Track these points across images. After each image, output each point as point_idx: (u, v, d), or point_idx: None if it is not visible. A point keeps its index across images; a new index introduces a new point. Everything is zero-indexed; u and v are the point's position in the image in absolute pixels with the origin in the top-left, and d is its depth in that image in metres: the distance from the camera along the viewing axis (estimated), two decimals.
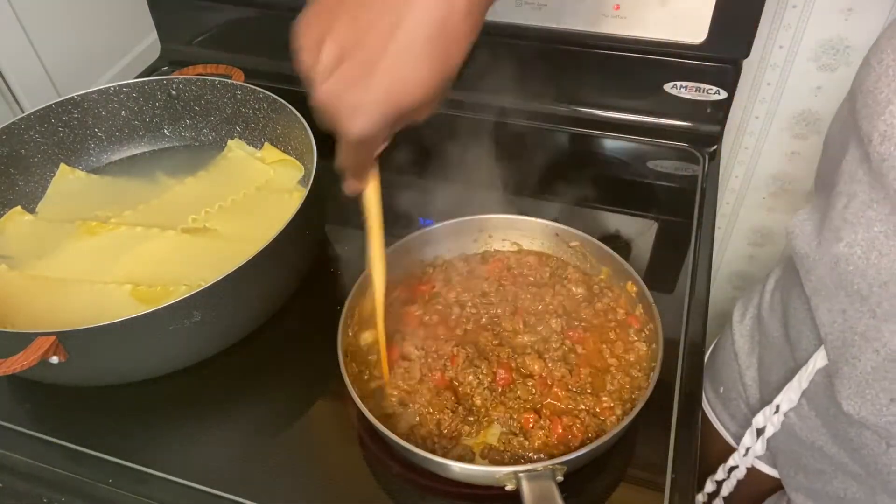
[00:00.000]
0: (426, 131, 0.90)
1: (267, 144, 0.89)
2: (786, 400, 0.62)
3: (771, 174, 1.15)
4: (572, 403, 0.61)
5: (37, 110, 0.83)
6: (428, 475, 0.61)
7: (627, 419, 0.57)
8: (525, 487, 0.53)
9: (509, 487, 0.55)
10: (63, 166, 0.88)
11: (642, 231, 0.86)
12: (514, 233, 0.77)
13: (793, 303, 0.62)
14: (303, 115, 0.79)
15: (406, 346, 0.67)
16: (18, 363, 0.56)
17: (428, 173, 0.85)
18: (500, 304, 0.70)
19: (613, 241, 0.80)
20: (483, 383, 0.63)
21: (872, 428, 0.51)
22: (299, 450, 0.65)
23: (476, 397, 0.62)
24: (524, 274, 0.74)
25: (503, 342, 0.67)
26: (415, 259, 0.76)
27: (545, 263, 0.75)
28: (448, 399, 0.62)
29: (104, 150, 0.91)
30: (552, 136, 0.99)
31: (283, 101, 0.82)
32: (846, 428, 0.55)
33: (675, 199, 0.90)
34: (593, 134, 0.98)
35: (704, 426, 0.81)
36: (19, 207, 0.84)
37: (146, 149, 0.93)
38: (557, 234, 0.75)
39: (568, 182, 0.86)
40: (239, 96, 0.88)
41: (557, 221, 0.75)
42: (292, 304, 0.75)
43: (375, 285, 0.61)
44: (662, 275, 0.79)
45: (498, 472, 0.54)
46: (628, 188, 0.92)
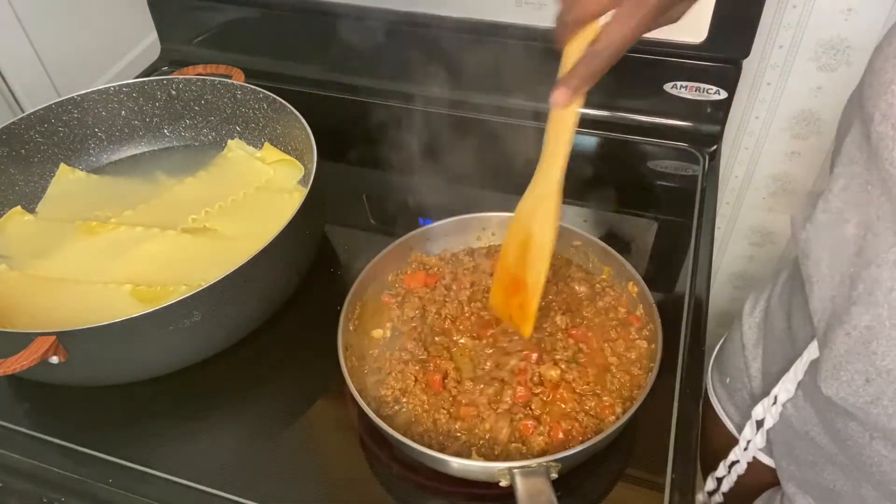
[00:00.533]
0: (427, 131, 0.90)
1: (267, 144, 0.89)
2: (783, 391, 0.63)
3: (771, 174, 1.15)
4: (577, 407, 0.61)
5: (37, 110, 0.83)
6: (428, 473, 0.61)
7: (625, 418, 0.57)
8: (518, 483, 0.53)
9: (504, 483, 0.55)
10: (63, 166, 0.88)
11: (642, 231, 0.86)
12: None
13: (797, 294, 0.62)
14: (303, 115, 0.79)
15: (408, 343, 0.67)
16: (18, 363, 0.56)
17: (428, 173, 0.85)
18: None
19: (614, 241, 0.80)
20: (491, 407, 0.62)
21: (857, 419, 0.52)
22: (299, 449, 0.65)
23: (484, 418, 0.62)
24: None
25: (512, 345, 0.67)
26: (418, 255, 0.76)
27: None
28: (445, 400, 0.62)
29: (104, 150, 0.91)
30: None
31: (283, 101, 0.82)
32: (835, 418, 0.56)
33: (675, 199, 0.90)
34: (593, 134, 0.98)
35: (710, 418, 0.81)
36: (19, 207, 0.84)
37: (146, 149, 0.93)
38: (559, 234, 0.75)
39: (568, 182, 0.86)
40: (239, 96, 0.88)
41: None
42: (292, 304, 0.75)
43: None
44: (662, 275, 0.79)
45: (492, 468, 0.55)
46: (628, 188, 0.92)
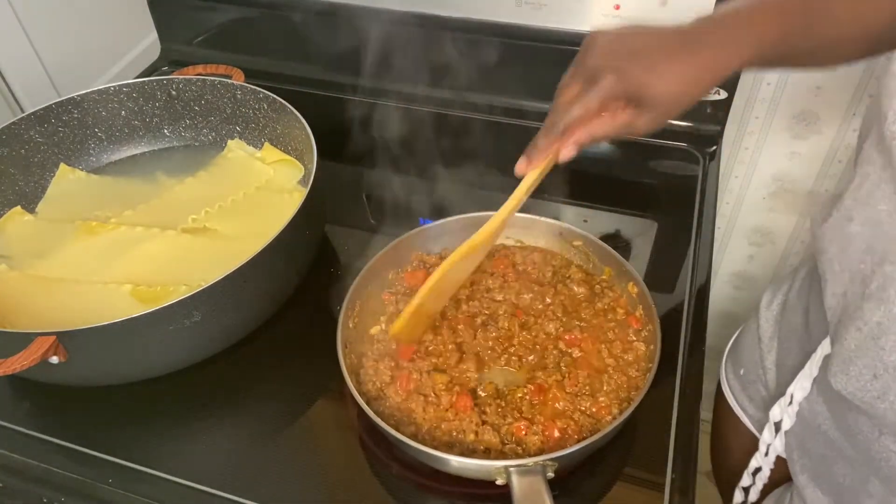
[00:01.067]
0: (427, 131, 0.90)
1: (267, 144, 0.89)
2: (799, 388, 0.63)
3: (771, 174, 1.15)
4: (570, 406, 0.61)
5: (37, 110, 0.83)
6: (426, 472, 0.61)
7: (621, 418, 0.57)
8: (514, 482, 0.53)
9: (500, 482, 0.55)
10: (63, 166, 0.88)
11: (642, 231, 0.86)
12: (519, 230, 0.77)
13: (815, 291, 0.63)
14: (303, 115, 0.79)
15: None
16: (18, 363, 0.56)
17: (428, 173, 0.85)
18: (503, 304, 0.70)
19: (614, 241, 0.80)
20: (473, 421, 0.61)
21: (866, 414, 0.52)
22: (299, 449, 0.65)
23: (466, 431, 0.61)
24: (528, 271, 0.74)
25: (496, 347, 0.67)
26: (419, 253, 0.76)
27: (549, 262, 0.75)
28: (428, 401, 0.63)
29: (104, 150, 0.91)
30: None
31: (283, 101, 0.82)
32: (845, 413, 0.56)
33: (675, 200, 0.90)
34: None
35: (724, 413, 0.82)
36: (19, 207, 0.84)
37: (146, 149, 0.93)
38: (561, 234, 0.75)
39: (568, 181, 0.86)
40: (239, 96, 0.88)
41: (558, 220, 0.75)
42: (292, 304, 0.75)
43: (479, 236, 0.61)
44: (662, 275, 0.79)
45: (489, 466, 0.55)
46: (628, 188, 0.92)
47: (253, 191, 0.85)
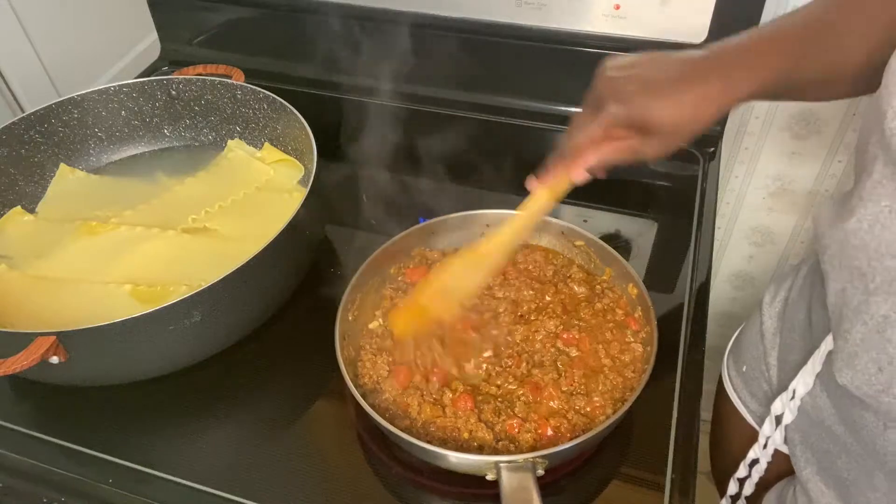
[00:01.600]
0: (427, 131, 0.90)
1: (267, 144, 0.89)
2: (801, 383, 0.64)
3: (771, 174, 1.15)
4: (564, 405, 0.61)
5: (37, 110, 0.83)
6: (425, 470, 0.61)
7: (614, 418, 0.57)
8: (504, 478, 0.53)
9: (490, 477, 0.55)
10: (63, 166, 0.88)
11: (642, 231, 0.86)
12: None
13: (818, 288, 0.63)
14: (303, 115, 0.79)
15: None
16: (18, 363, 0.56)
17: (428, 173, 0.85)
18: (503, 302, 0.70)
19: (614, 241, 0.80)
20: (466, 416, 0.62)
21: (871, 408, 0.53)
22: (299, 449, 0.65)
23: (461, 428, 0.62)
24: (529, 269, 0.74)
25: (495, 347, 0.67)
26: (422, 248, 0.76)
27: (551, 261, 0.75)
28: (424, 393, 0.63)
29: (104, 150, 0.91)
30: (553, 137, 0.98)
31: (283, 101, 0.82)
32: (850, 408, 0.57)
33: (675, 200, 0.90)
34: None
35: (725, 409, 0.82)
36: (19, 207, 0.84)
37: (146, 149, 0.93)
38: (563, 233, 0.75)
39: None
40: (239, 96, 0.88)
41: (559, 220, 0.75)
42: (292, 304, 0.75)
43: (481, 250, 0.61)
44: (662, 275, 0.79)
45: (479, 461, 0.55)
46: (628, 188, 0.92)
47: (253, 191, 0.85)
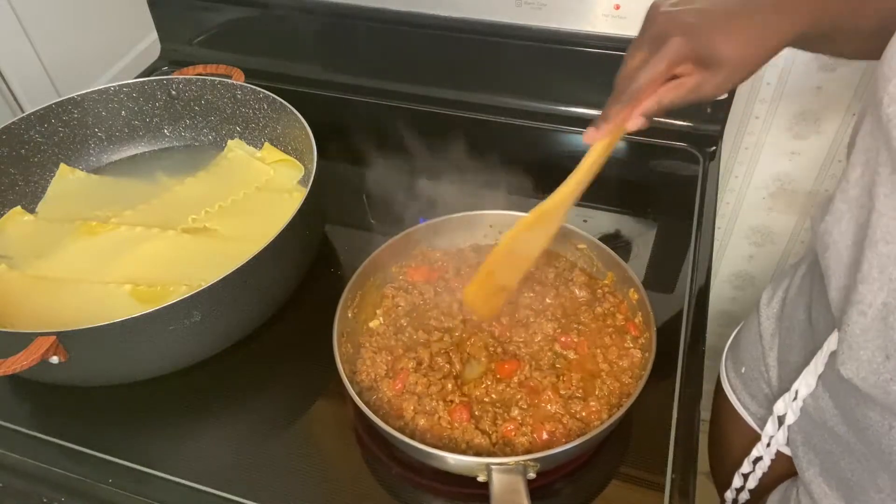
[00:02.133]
0: (427, 131, 0.90)
1: (267, 144, 0.89)
2: (804, 384, 0.63)
3: (771, 174, 1.15)
4: (561, 409, 0.61)
5: (37, 110, 0.83)
6: (424, 471, 0.61)
7: (608, 423, 0.56)
8: (494, 480, 0.53)
9: (481, 478, 0.55)
10: (63, 166, 0.88)
11: (642, 231, 0.86)
12: None
13: (817, 287, 0.63)
14: (303, 115, 0.79)
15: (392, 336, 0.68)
16: (18, 363, 0.56)
17: (429, 173, 0.85)
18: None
19: (614, 241, 0.80)
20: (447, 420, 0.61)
21: (877, 403, 0.52)
22: (299, 449, 0.65)
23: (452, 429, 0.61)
24: (531, 271, 0.74)
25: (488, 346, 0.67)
26: (424, 247, 0.76)
27: (552, 263, 0.75)
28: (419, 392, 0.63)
29: (104, 150, 0.91)
30: (553, 136, 0.99)
31: (283, 101, 0.82)
32: (854, 408, 0.56)
33: (675, 199, 0.90)
34: None
35: (724, 410, 0.82)
36: (19, 207, 0.84)
37: (146, 149, 0.93)
38: (566, 235, 0.75)
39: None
40: (239, 96, 0.88)
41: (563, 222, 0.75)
42: (292, 304, 0.75)
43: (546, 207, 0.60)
44: (662, 275, 0.79)
45: (471, 462, 0.55)
46: (628, 188, 0.92)
47: (253, 191, 0.85)
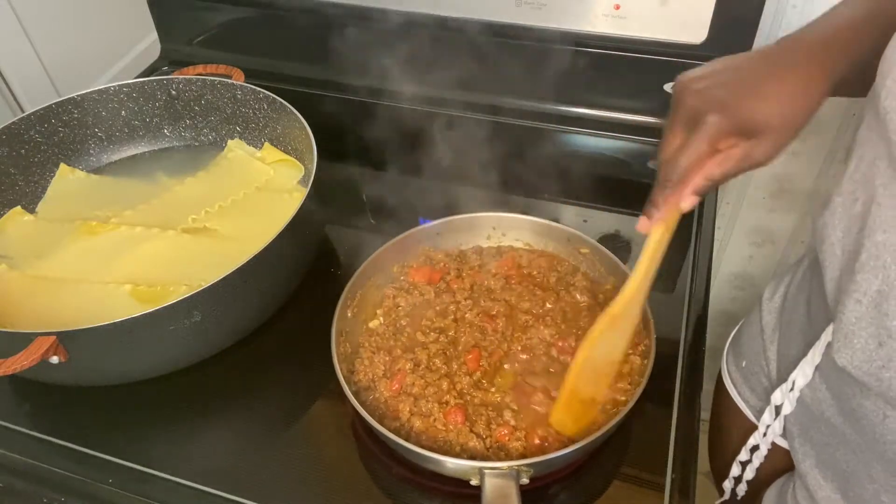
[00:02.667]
0: (427, 131, 0.90)
1: (267, 144, 0.89)
2: (801, 375, 0.63)
3: (771, 174, 1.15)
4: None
5: (37, 110, 0.83)
6: (421, 472, 0.61)
7: (604, 429, 0.56)
8: (486, 484, 0.53)
9: (474, 482, 0.55)
10: (63, 166, 0.88)
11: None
12: (526, 233, 0.77)
13: (816, 281, 0.63)
14: (303, 115, 0.79)
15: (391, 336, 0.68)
16: (19, 363, 0.56)
17: (428, 173, 0.85)
18: (501, 304, 0.70)
19: (614, 241, 0.80)
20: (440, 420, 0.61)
21: (871, 391, 0.52)
22: (299, 449, 0.65)
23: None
24: (532, 275, 0.74)
25: (483, 349, 0.66)
26: (426, 248, 0.76)
27: (555, 267, 0.75)
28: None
29: (104, 150, 0.91)
30: (552, 136, 0.99)
31: (283, 101, 0.82)
32: (849, 398, 0.57)
33: None
34: (594, 134, 0.98)
35: (724, 403, 0.82)
36: (19, 207, 0.84)
37: (146, 149, 0.93)
38: (569, 239, 0.74)
39: (568, 182, 0.86)
40: (239, 96, 0.88)
41: (559, 221, 0.75)
42: (292, 304, 0.75)
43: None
44: (662, 275, 0.78)
45: (464, 466, 0.55)
46: (628, 188, 0.92)
47: (253, 191, 0.85)
